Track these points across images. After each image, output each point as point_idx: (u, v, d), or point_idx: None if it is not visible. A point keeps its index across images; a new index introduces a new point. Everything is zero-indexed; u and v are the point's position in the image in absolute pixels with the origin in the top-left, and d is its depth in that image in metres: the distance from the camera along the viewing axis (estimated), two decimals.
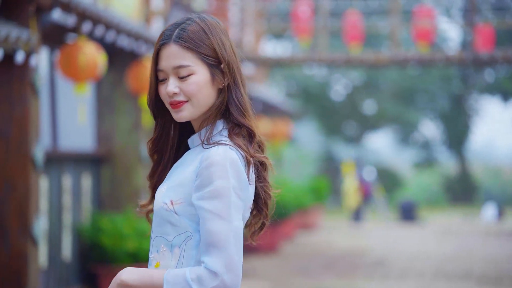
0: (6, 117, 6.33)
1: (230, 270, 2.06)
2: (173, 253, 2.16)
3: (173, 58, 2.17)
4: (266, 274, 10.84)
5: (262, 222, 2.32)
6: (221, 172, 2.12)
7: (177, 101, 2.19)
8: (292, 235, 15.34)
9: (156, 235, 2.20)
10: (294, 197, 14.71)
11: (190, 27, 2.20)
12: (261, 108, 15.95)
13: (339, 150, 30.97)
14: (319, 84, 29.02)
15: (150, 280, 2.10)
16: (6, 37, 5.87)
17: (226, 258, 2.06)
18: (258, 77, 17.59)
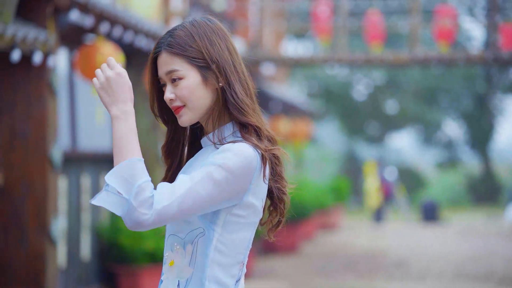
0: (24, 118, 6.37)
1: (161, 216, 2.03)
2: (186, 250, 2.17)
3: (164, 65, 2.22)
4: (286, 274, 10.83)
5: (279, 219, 2.31)
6: (232, 155, 2.13)
7: (175, 106, 2.23)
8: (312, 235, 15.31)
9: (170, 234, 2.22)
10: (314, 197, 14.69)
11: (178, 33, 2.23)
12: (281, 108, 15.94)
13: (361, 150, 30.88)
14: (341, 84, 28.96)
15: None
16: (23, 38, 5.91)
17: (168, 206, 2.04)
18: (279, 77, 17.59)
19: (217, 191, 2.11)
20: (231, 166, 2.11)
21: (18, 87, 6.38)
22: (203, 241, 2.16)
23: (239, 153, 2.13)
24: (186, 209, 2.07)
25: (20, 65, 6.31)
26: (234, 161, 2.12)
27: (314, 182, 17.28)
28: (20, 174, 6.37)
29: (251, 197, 2.19)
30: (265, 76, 15.06)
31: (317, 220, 15.94)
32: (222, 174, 2.10)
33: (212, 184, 2.10)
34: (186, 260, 2.18)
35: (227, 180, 2.11)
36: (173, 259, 2.20)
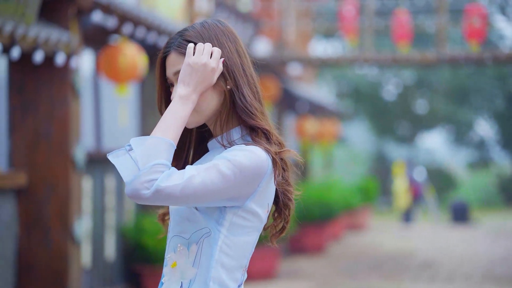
0: (47, 118, 6.41)
1: (159, 194, 2.02)
2: (190, 250, 2.16)
3: (172, 65, 2.20)
4: (312, 275, 10.79)
5: (283, 225, 2.28)
6: (244, 154, 2.10)
7: None
8: (340, 235, 15.25)
9: (173, 235, 2.20)
10: (342, 197, 14.64)
11: (188, 33, 2.22)
12: (308, 108, 15.90)
13: (391, 150, 30.71)
14: (370, 83, 28.84)
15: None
16: (46, 40, 5.95)
17: (171, 187, 2.02)
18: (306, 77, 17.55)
19: (223, 185, 2.08)
20: (241, 163, 2.09)
21: (42, 88, 6.42)
22: (209, 241, 2.15)
23: (251, 154, 2.11)
24: (188, 195, 2.04)
25: (44, 66, 6.36)
26: (245, 159, 2.10)
27: (342, 182, 17.21)
28: (43, 175, 6.41)
29: (254, 204, 2.17)
30: (292, 76, 15.03)
31: (345, 221, 15.88)
32: (231, 168, 2.08)
33: (219, 177, 2.07)
34: (189, 260, 2.16)
35: (235, 176, 2.08)
36: (175, 261, 2.18)
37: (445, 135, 31.35)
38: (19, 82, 6.45)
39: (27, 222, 6.39)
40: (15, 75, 6.46)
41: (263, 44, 12.31)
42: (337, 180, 17.47)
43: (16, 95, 6.46)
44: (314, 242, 13.04)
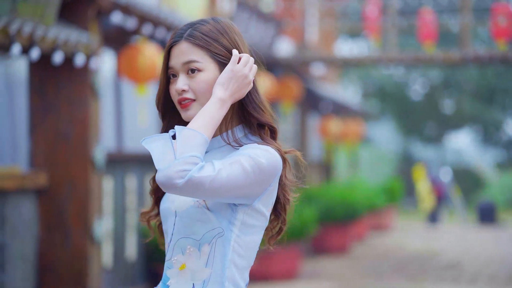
0: (67, 119, 6.45)
1: (192, 184, 2.01)
2: (202, 251, 2.13)
3: (182, 54, 2.18)
4: (334, 275, 10.76)
5: (280, 227, 2.28)
6: (262, 152, 2.10)
7: (185, 98, 2.17)
8: (364, 236, 15.19)
9: (180, 237, 2.16)
10: (366, 197, 14.57)
11: (202, 27, 2.20)
12: (332, 109, 15.86)
13: (418, 150, 30.53)
14: (396, 83, 28.69)
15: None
16: (66, 41, 5.99)
17: (204, 178, 2.02)
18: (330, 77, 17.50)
19: (244, 181, 2.08)
20: (261, 162, 2.09)
21: (62, 89, 6.46)
22: (222, 241, 2.14)
23: (268, 154, 2.11)
24: (215, 188, 2.04)
25: (63, 67, 6.39)
26: (264, 157, 2.10)
27: (367, 182, 17.14)
28: (63, 175, 6.45)
29: (261, 204, 2.17)
30: (315, 77, 15.00)
31: (369, 221, 15.81)
32: (252, 166, 2.07)
33: (242, 173, 2.07)
34: (201, 261, 2.14)
35: (254, 174, 2.08)
36: (184, 263, 2.15)
37: (473, 135, 31.11)
38: (40, 83, 6.50)
39: (47, 222, 6.43)
40: (36, 76, 6.51)
41: (285, 44, 12.29)
42: (362, 181, 17.41)
43: (36, 96, 6.51)
44: (337, 242, 12.99)
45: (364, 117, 20.28)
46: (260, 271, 9.89)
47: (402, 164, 29.14)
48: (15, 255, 6.12)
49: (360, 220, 14.19)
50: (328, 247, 12.93)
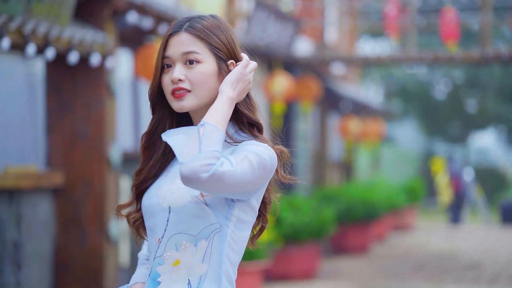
0: (83, 118, 6.48)
1: (216, 177, 2.02)
2: (198, 247, 2.14)
3: (182, 45, 2.18)
4: (353, 275, 10.72)
5: (262, 225, 2.30)
6: (263, 149, 2.13)
7: (180, 87, 2.17)
8: (384, 236, 15.13)
9: (175, 233, 2.15)
10: (386, 197, 14.51)
11: (202, 21, 2.22)
12: (352, 108, 15.81)
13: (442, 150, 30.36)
14: (419, 83, 28.55)
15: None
16: (81, 40, 6.02)
17: (227, 172, 2.03)
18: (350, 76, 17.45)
19: (251, 177, 2.10)
20: (265, 159, 2.11)
21: (78, 89, 6.49)
22: (219, 237, 2.14)
23: (268, 150, 2.14)
24: (231, 183, 2.06)
25: (80, 67, 6.43)
26: (266, 154, 2.12)
27: (388, 182, 17.06)
28: (80, 174, 6.48)
29: (254, 200, 2.20)
30: (335, 76, 14.96)
31: (390, 221, 15.74)
32: (258, 161, 2.10)
33: (251, 169, 2.09)
34: (198, 256, 2.14)
35: (259, 169, 2.10)
36: (178, 258, 2.15)
37: (497, 134, 30.87)
38: (56, 83, 6.54)
39: (63, 221, 6.46)
40: (52, 76, 6.55)
41: (304, 43, 12.28)
42: (383, 180, 17.34)
43: (53, 96, 6.55)
44: (357, 242, 12.95)
45: (385, 117, 20.20)
46: (278, 270, 9.88)
47: (425, 164, 28.98)
48: (31, 254, 6.16)
49: (381, 220, 14.13)
50: (348, 247, 12.89)
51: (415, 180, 18.96)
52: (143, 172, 2.27)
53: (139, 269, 2.33)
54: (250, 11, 9.87)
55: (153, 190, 2.23)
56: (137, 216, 2.30)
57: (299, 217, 9.80)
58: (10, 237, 5.92)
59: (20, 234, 6.03)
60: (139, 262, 2.35)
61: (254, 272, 8.13)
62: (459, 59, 11.10)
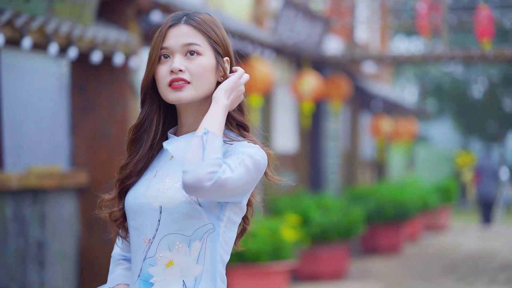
0: (107, 118, 6.49)
1: (219, 185, 2.01)
2: (192, 247, 2.11)
3: (183, 36, 2.16)
4: (383, 275, 10.63)
5: (243, 227, 2.29)
6: (256, 151, 2.12)
7: (180, 78, 2.14)
8: (417, 236, 14.99)
9: (167, 233, 2.12)
10: (419, 197, 14.38)
11: (201, 15, 2.22)
12: (384, 107, 15.69)
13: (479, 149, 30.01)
14: (455, 81, 28.26)
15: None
16: (104, 40, 6.02)
17: (229, 179, 2.03)
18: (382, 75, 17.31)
19: (247, 180, 2.10)
20: (259, 159, 2.11)
21: (102, 88, 6.50)
22: (212, 237, 2.12)
23: (260, 151, 2.14)
24: (231, 189, 2.05)
25: (104, 66, 6.43)
26: (260, 156, 2.12)
27: (420, 181, 16.90)
28: (104, 174, 6.48)
29: (244, 200, 2.20)
30: (367, 75, 14.85)
31: (422, 221, 15.59)
32: (253, 164, 2.09)
33: (247, 173, 2.08)
34: (192, 257, 2.12)
35: (254, 171, 2.10)
36: (171, 259, 2.12)
37: None
38: (81, 82, 6.55)
39: (87, 220, 6.48)
40: (77, 75, 6.56)
41: (334, 42, 12.19)
42: (416, 180, 17.18)
43: (77, 95, 6.56)
44: (388, 242, 12.84)
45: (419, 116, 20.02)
46: (307, 270, 9.83)
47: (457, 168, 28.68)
48: (55, 253, 6.18)
49: (413, 219, 14.00)
50: (378, 247, 12.79)
51: (449, 180, 18.76)
52: (128, 167, 2.25)
53: (116, 269, 2.30)
54: (278, 10, 9.82)
55: (140, 189, 2.20)
56: (118, 215, 2.27)
57: (327, 216, 9.74)
58: (34, 236, 5.95)
59: (44, 234, 6.05)
60: (114, 262, 2.31)
61: (280, 272, 8.08)
62: (491, 57, 10.95)
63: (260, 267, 7.91)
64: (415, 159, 22.58)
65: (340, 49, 12.11)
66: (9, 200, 5.68)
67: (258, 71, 8.30)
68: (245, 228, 2.28)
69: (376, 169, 16.74)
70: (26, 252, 5.86)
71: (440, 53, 10.86)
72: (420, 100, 27.00)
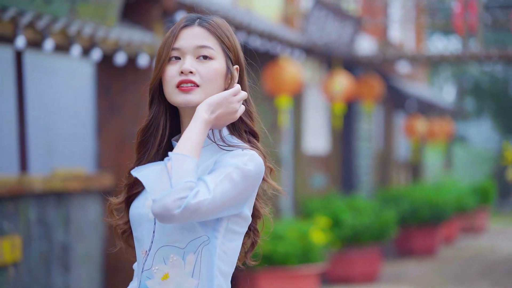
0: (132, 120, 6.44)
1: (188, 211, 1.93)
2: (187, 260, 2.04)
3: (196, 38, 2.10)
4: (417, 279, 10.47)
5: (254, 240, 2.20)
6: (248, 160, 2.02)
7: (189, 80, 2.07)
8: (453, 238, 14.76)
9: (162, 245, 2.06)
10: (455, 198, 14.16)
11: (215, 19, 2.17)
12: (418, 107, 15.49)
13: None
14: (495, 80, 27.86)
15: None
16: (129, 41, 5.97)
17: (200, 203, 1.94)
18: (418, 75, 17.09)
19: (234, 194, 2.01)
20: (249, 168, 2.02)
21: (127, 90, 6.46)
22: (208, 249, 2.05)
23: (254, 159, 2.04)
24: (211, 209, 1.97)
25: (129, 68, 6.39)
26: (251, 164, 2.02)
27: (457, 183, 16.65)
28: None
29: (246, 208, 2.10)
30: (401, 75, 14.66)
31: (459, 223, 15.36)
32: (240, 175, 2.00)
33: (232, 187, 2.00)
34: (186, 271, 2.04)
35: (243, 182, 2.01)
36: (167, 272, 2.05)
37: None
38: (105, 84, 6.51)
39: None
40: (102, 77, 6.53)
41: (367, 42, 12.04)
42: (453, 181, 16.94)
43: (103, 97, 6.53)
44: (423, 244, 12.66)
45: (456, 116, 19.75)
46: (338, 273, 9.72)
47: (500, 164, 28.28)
48: (80, 256, 6.15)
49: (449, 221, 13.79)
50: (413, 249, 12.61)
51: (487, 181, 18.46)
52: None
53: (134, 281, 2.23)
54: (308, 10, 9.71)
55: (141, 199, 2.15)
56: (125, 227, 2.22)
57: (359, 218, 9.61)
58: (58, 239, 5.92)
59: (68, 237, 6.01)
60: (135, 274, 2.25)
61: (310, 275, 7.98)
62: None
63: (289, 270, 7.82)
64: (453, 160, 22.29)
65: (372, 49, 11.95)
66: (33, 203, 5.66)
67: (287, 71, 8.21)
68: (255, 241, 2.19)
69: (411, 170, 16.52)
70: (51, 255, 5.83)
71: (475, 52, 10.66)
72: (458, 99, 26.66)
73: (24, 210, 5.58)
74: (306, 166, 10.20)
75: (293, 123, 9.75)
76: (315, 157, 10.65)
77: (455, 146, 24.17)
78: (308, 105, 10.52)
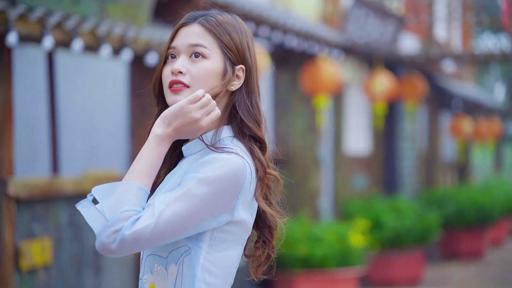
0: None
1: (126, 243, 1.81)
2: (169, 271, 1.95)
3: (191, 36, 2.01)
4: (462, 282, 10.23)
5: (268, 253, 2.05)
6: (217, 167, 1.89)
7: (178, 81, 1.97)
8: (502, 241, 14.44)
9: (149, 254, 1.98)
10: (504, 200, 13.85)
11: (219, 16, 2.06)
12: (464, 107, 15.19)
13: None
14: None
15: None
16: (160, 41, 5.89)
17: (139, 231, 1.82)
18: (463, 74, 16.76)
19: (198, 209, 1.87)
20: (213, 179, 1.88)
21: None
22: (190, 260, 1.93)
23: (225, 165, 1.90)
24: (161, 233, 1.84)
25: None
26: (217, 174, 1.88)
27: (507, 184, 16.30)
28: None
29: (242, 213, 1.94)
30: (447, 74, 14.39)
31: (508, 226, 15.02)
32: (203, 189, 1.87)
33: (189, 204, 1.86)
34: (169, 281, 1.94)
35: (209, 196, 1.87)
36: (153, 282, 1.96)
37: None
38: (138, 85, 6.45)
39: None
40: (134, 78, 6.47)
41: (410, 41, 11.82)
42: (502, 182, 16.59)
43: (135, 98, 6.47)
44: (469, 247, 12.39)
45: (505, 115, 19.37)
46: (379, 276, 9.55)
47: None
48: (112, 259, 6.09)
49: (497, 224, 13.48)
50: (459, 252, 12.35)
51: None
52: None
53: None
54: (348, 9, 9.55)
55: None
56: None
57: (401, 221, 9.42)
58: (90, 242, 5.86)
59: None
60: None
61: (349, 279, 7.83)
62: None
63: (327, 274, 7.68)
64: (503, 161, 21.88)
65: (416, 48, 11.73)
66: (64, 205, 5.61)
67: (325, 71, 8.07)
68: (269, 254, 2.04)
69: (457, 171, 16.21)
70: (82, 258, 5.78)
71: None
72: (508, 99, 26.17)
73: (55, 212, 5.53)
74: (347, 167, 10.04)
75: (334, 124, 9.60)
76: (356, 158, 10.48)
77: (504, 146, 23.72)
78: (349, 105, 10.35)
